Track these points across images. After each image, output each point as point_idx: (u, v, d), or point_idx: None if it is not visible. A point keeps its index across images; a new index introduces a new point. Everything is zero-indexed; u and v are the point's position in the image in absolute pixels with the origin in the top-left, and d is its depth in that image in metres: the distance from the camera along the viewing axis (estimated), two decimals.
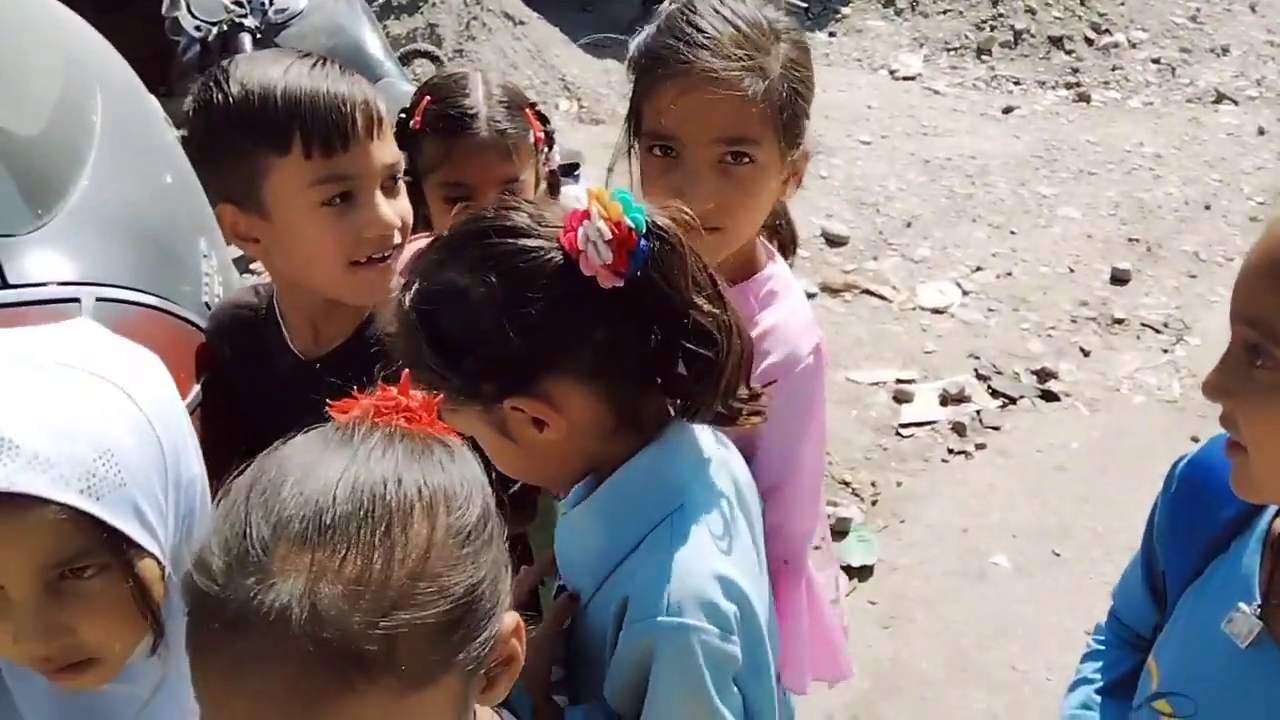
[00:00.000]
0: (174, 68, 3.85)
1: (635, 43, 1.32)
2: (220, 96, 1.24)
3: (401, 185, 1.32)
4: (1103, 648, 1.30)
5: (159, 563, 0.93)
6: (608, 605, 1.03)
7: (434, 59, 4.03)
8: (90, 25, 2.27)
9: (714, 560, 1.01)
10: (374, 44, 3.15)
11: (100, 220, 1.46)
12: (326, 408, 1.31)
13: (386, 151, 1.27)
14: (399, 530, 0.72)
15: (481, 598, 0.75)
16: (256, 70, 1.25)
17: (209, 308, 1.57)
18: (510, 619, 0.80)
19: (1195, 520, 1.09)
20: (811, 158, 1.36)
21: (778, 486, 1.34)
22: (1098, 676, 1.27)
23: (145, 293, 1.40)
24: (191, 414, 1.39)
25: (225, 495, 0.75)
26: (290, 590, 0.68)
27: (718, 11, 1.26)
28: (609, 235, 0.93)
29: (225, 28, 3.15)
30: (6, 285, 1.28)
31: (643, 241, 0.95)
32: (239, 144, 1.24)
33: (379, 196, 1.26)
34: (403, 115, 1.60)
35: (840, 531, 2.99)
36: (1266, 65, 6.31)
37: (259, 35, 3.13)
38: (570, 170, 2.56)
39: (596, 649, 1.05)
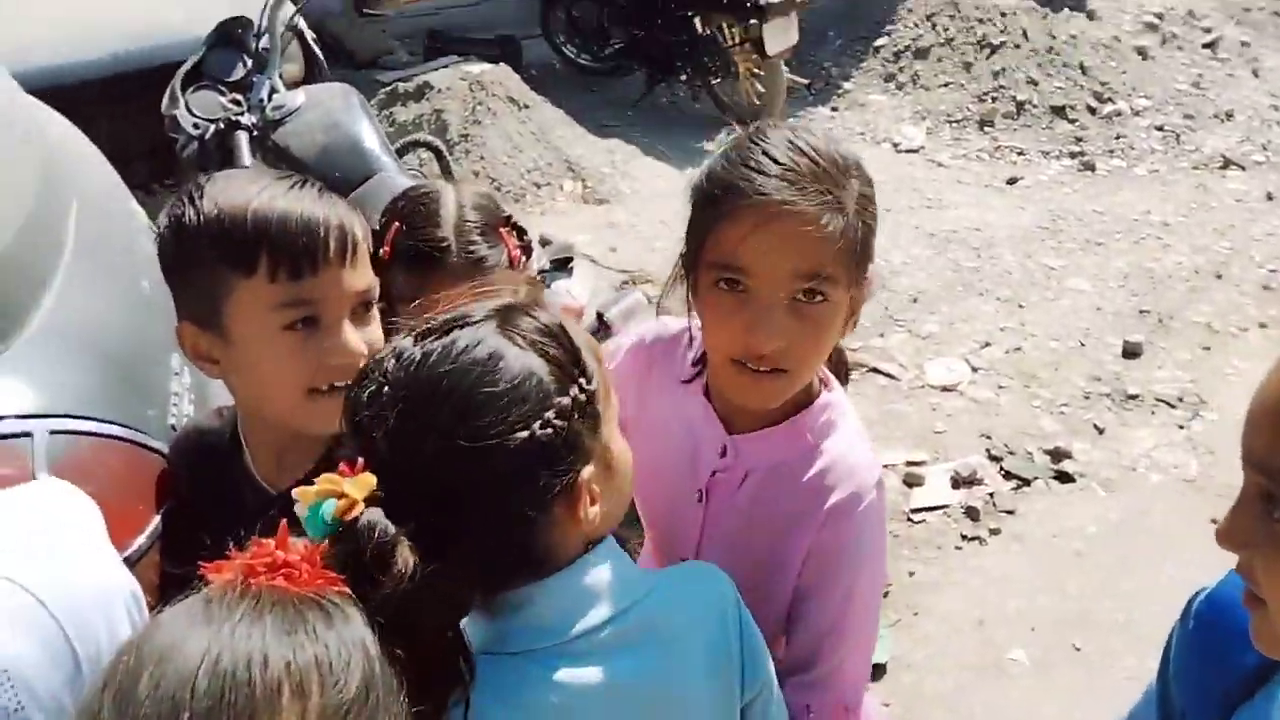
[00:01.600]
0: (179, 162, 3.87)
1: (701, 171, 1.25)
2: (191, 213, 1.22)
3: (375, 313, 1.28)
4: None
5: None
6: None
7: (434, 150, 4.03)
8: (97, 122, 2.28)
9: None
10: (371, 138, 3.14)
11: (61, 345, 1.42)
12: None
13: (359, 277, 1.23)
14: (265, 719, 0.66)
15: None
16: (231, 188, 1.23)
17: (175, 429, 1.52)
18: None
19: (1214, 664, 1.01)
20: (872, 292, 1.29)
21: (836, 628, 1.27)
22: None
23: (104, 421, 1.35)
24: (149, 548, 1.34)
25: (93, 681, 0.70)
26: None
27: (792, 143, 1.19)
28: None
29: (222, 125, 3.15)
30: None
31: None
32: (205, 261, 1.21)
33: (347, 324, 1.22)
34: (374, 233, 1.57)
35: None
36: (1272, 130, 6.29)
37: (256, 133, 3.12)
38: (564, 264, 2.53)
39: None
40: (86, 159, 2.08)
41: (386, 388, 0.96)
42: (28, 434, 1.26)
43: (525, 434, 0.94)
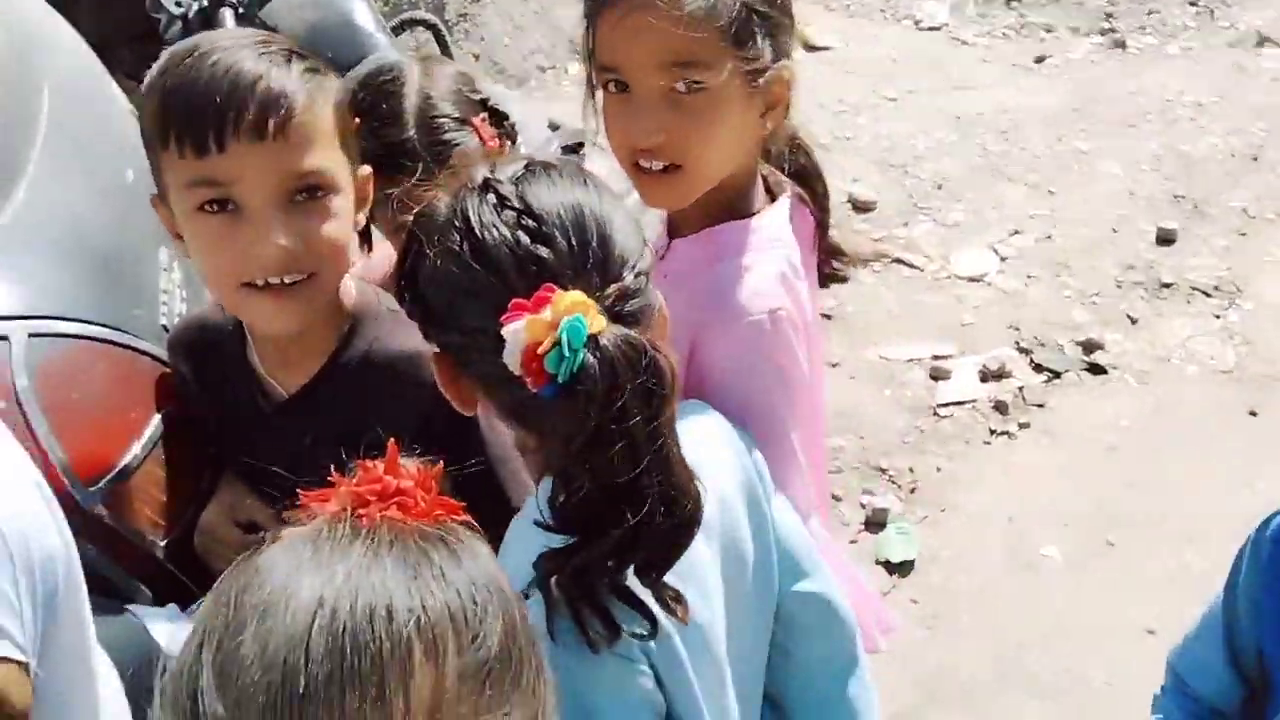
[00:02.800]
0: (164, 46, 3.68)
1: None
2: (148, 79, 1.13)
3: (331, 202, 1.12)
4: None
5: (18, 662, 0.79)
6: None
7: (432, 28, 3.80)
8: (77, 8, 2.11)
9: None
10: (363, 15, 2.93)
11: (38, 240, 1.30)
12: (300, 451, 1.15)
13: (291, 158, 1.07)
14: (395, 685, 0.54)
15: None
16: (181, 51, 1.11)
17: (168, 330, 1.40)
18: None
19: None
20: (794, 83, 1.24)
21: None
22: None
23: (88, 323, 1.24)
24: (145, 456, 1.24)
25: (191, 633, 0.59)
26: None
27: None
28: (519, 348, 0.80)
29: (206, 3, 2.94)
30: None
31: (551, 389, 0.81)
32: (147, 130, 1.13)
33: (272, 211, 1.07)
34: None
35: (877, 523, 2.82)
36: None
37: (241, 10, 2.92)
38: (575, 149, 2.36)
39: None
40: (60, 39, 1.91)
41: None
42: (3, 337, 1.15)
43: None
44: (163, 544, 1.23)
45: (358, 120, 1.35)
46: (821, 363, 1.39)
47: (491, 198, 0.88)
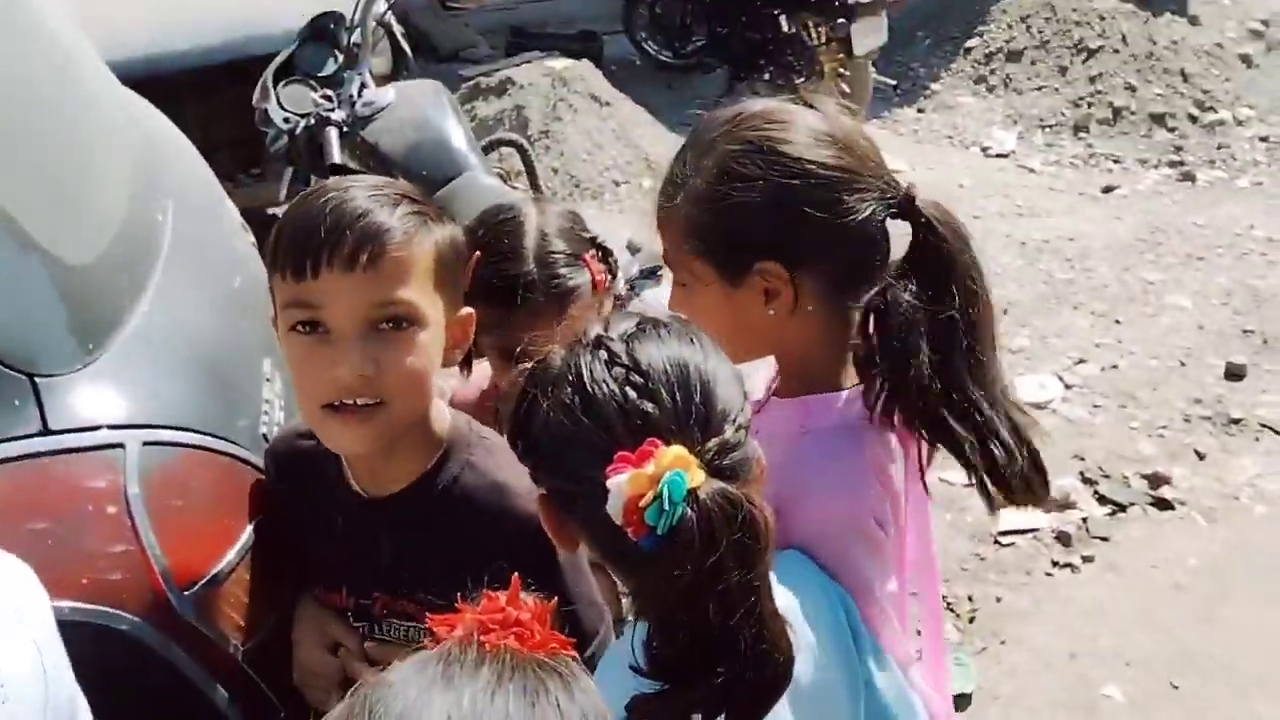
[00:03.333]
0: (266, 152, 3.89)
1: None
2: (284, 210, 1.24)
3: (414, 335, 1.16)
4: None
5: None
6: None
7: (519, 148, 4.00)
8: (184, 112, 2.27)
9: None
10: (459, 137, 3.11)
11: (156, 351, 1.39)
12: (386, 554, 1.19)
13: (379, 289, 1.13)
14: None
15: None
16: (315, 190, 1.22)
17: (266, 440, 1.49)
18: None
19: None
20: (786, 275, 1.18)
21: None
22: None
23: (197, 432, 1.32)
24: (238, 563, 1.30)
25: None
26: None
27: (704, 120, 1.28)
28: (622, 500, 0.85)
29: (313, 120, 3.14)
30: (47, 431, 1.20)
31: (650, 540, 0.85)
32: (267, 255, 1.22)
33: (354, 336, 1.13)
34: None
35: None
36: None
37: (345, 129, 3.11)
38: (653, 273, 2.46)
39: None
40: (182, 154, 2.07)
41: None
42: (120, 445, 1.23)
43: None
44: (244, 649, 1.28)
45: (477, 255, 1.45)
46: (927, 511, 1.37)
47: (603, 354, 0.93)
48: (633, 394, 0.91)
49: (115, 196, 1.58)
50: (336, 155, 3.02)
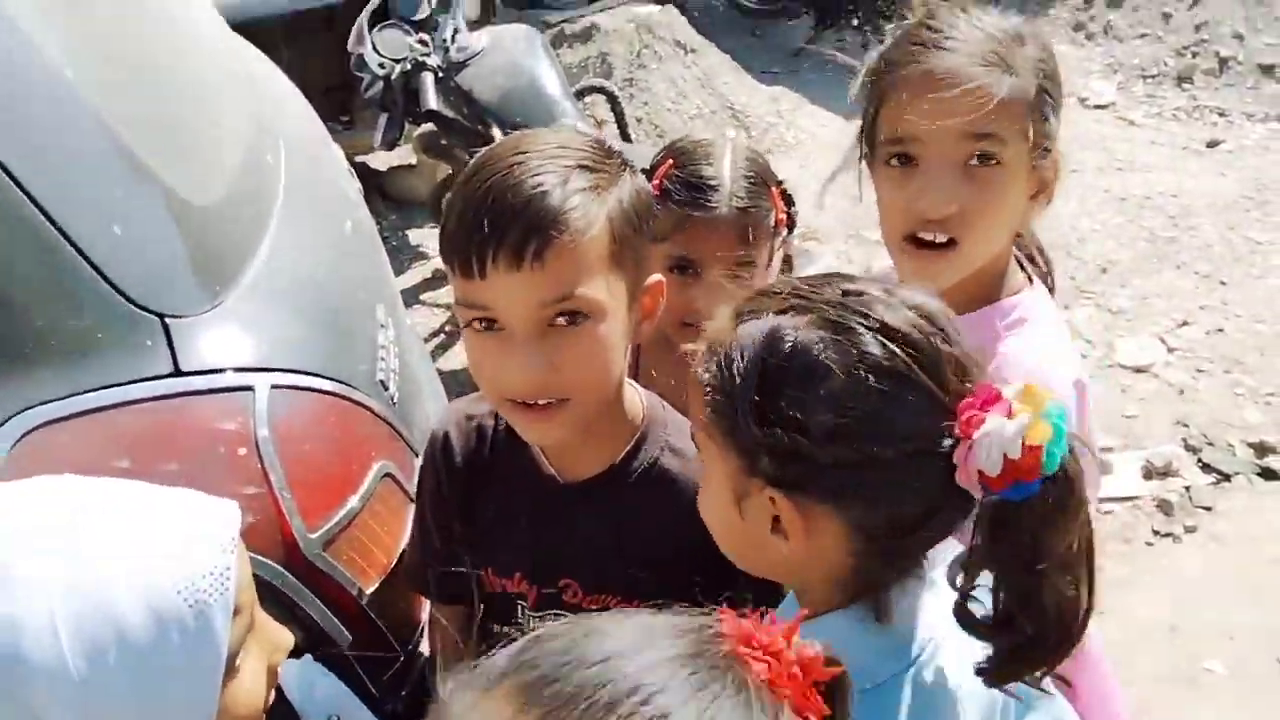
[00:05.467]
0: (357, 100, 3.88)
1: (870, 55, 1.27)
2: (453, 187, 1.12)
3: (591, 327, 1.06)
4: None
5: None
6: None
7: (609, 95, 3.94)
8: (278, 58, 2.26)
9: None
10: (552, 83, 3.07)
11: (278, 295, 1.39)
12: (583, 540, 1.16)
13: (548, 286, 1.03)
14: None
15: None
16: (481, 164, 1.09)
17: (384, 386, 1.48)
18: None
19: None
20: (1063, 172, 1.25)
21: None
22: None
23: (322, 376, 1.32)
24: (365, 502, 1.31)
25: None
26: None
27: (958, 17, 1.22)
28: (1014, 455, 0.81)
29: (409, 66, 3.12)
30: (179, 372, 1.21)
31: (1039, 483, 0.82)
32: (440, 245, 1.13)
33: (527, 336, 1.05)
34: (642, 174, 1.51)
35: None
36: None
37: (440, 74, 3.09)
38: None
39: None
40: (289, 99, 2.07)
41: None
42: (249, 388, 1.23)
43: None
44: (368, 593, 1.29)
45: (671, 160, 1.48)
46: None
47: (878, 302, 0.87)
48: (937, 340, 0.85)
49: (232, 139, 1.57)
50: (433, 101, 3.00)
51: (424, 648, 1.40)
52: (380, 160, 4.71)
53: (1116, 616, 2.78)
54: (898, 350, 0.84)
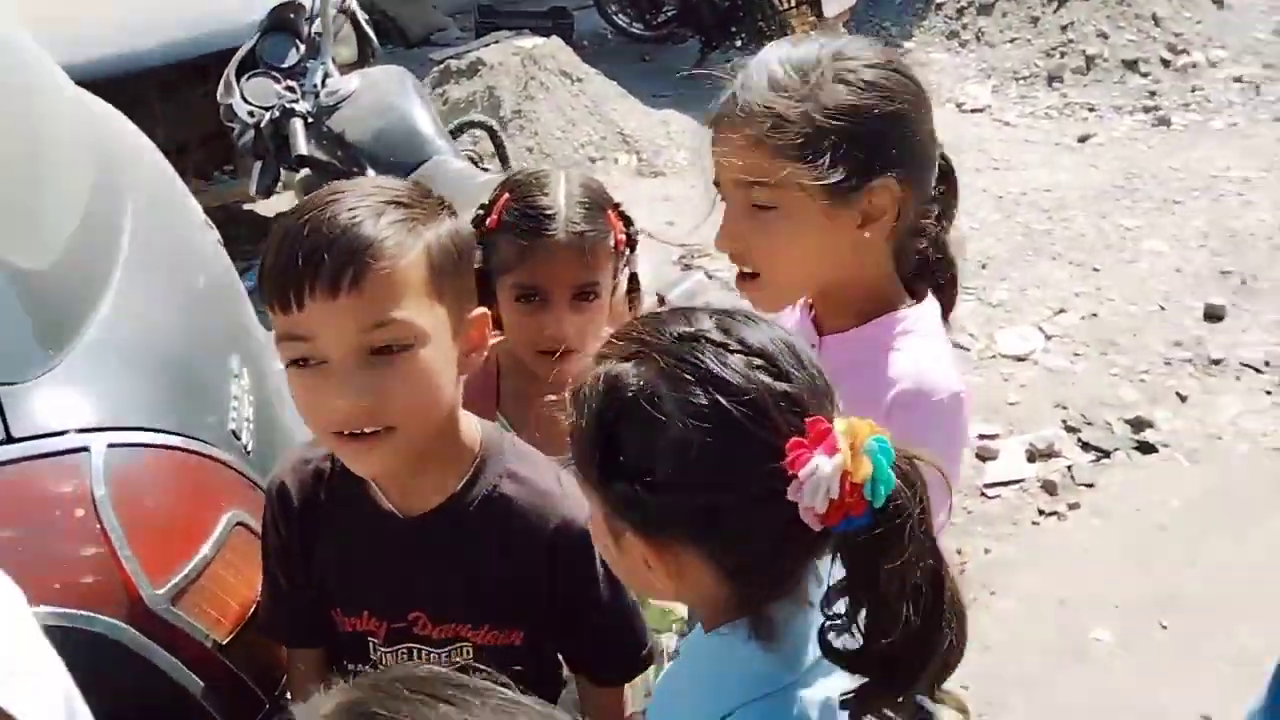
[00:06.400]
0: (235, 149, 3.87)
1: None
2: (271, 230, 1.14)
3: (413, 355, 1.07)
4: None
5: None
6: None
7: (488, 129, 3.99)
8: (152, 111, 2.27)
9: None
10: (424, 122, 3.11)
11: (119, 353, 1.40)
12: (427, 573, 1.18)
13: (366, 313, 1.04)
14: None
15: None
16: (300, 208, 1.13)
17: (236, 436, 1.50)
18: None
19: None
20: (899, 194, 1.23)
21: None
22: None
23: (164, 432, 1.33)
24: (217, 552, 1.32)
25: None
26: None
27: (769, 54, 1.23)
28: (834, 494, 0.82)
29: (278, 113, 3.14)
30: (10, 439, 1.21)
31: (867, 517, 0.83)
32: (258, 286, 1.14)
33: (348, 366, 1.05)
34: (480, 211, 1.55)
35: None
36: None
37: (310, 120, 3.11)
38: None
39: None
40: (141, 153, 2.07)
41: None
42: (85, 449, 1.24)
43: None
44: (224, 643, 1.30)
45: (506, 195, 1.52)
46: None
47: (709, 347, 0.87)
48: (767, 378, 0.86)
49: (70, 200, 1.58)
50: (303, 146, 3.02)
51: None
52: (267, 208, 4.68)
53: (1007, 594, 2.89)
54: (723, 401, 0.84)
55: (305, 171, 3.41)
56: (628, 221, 1.62)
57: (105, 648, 1.17)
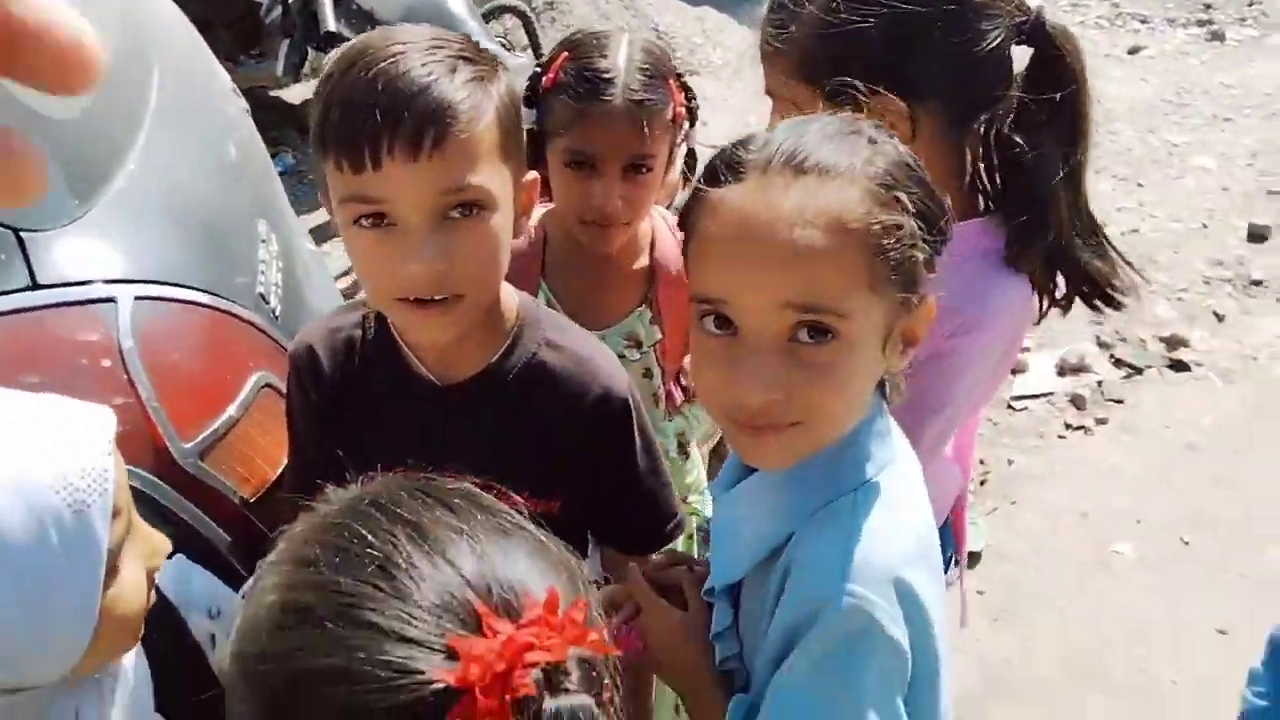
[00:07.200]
0: (265, 32, 3.79)
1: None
2: (321, 83, 1.07)
3: (485, 220, 1.04)
4: (1265, 704, 1.11)
5: None
6: (768, 580, 0.92)
7: (521, 15, 3.87)
8: None
9: (895, 557, 0.88)
10: (456, 1, 3.01)
11: (146, 208, 1.36)
12: (465, 439, 1.14)
13: (446, 177, 1.00)
14: None
15: None
16: (357, 58, 1.04)
17: (265, 299, 1.47)
18: None
19: None
20: (906, 112, 1.14)
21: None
22: None
23: (191, 288, 1.30)
24: (244, 411, 1.30)
25: None
26: None
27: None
28: None
29: None
30: (36, 286, 1.19)
31: None
32: (312, 135, 1.07)
33: (424, 230, 1.02)
34: (537, 70, 1.49)
35: None
36: None
37: None
38: None
39: (750, 632, 0.96)
40: (168, 19, 2.00)
41: None
42: (111, 299, 1.21)
43: None
44: (251, 500, 1.29)
45: (566, 54, 1.45)
46: None
47: None
48: None
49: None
50: (331, 22, 2.94)
51: None
52: (294, 94, 4.61)
53: (1029, 506, 2.87)
54: None
55: (334, 52, 3.33)
56: (689, 93, 1.54)
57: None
